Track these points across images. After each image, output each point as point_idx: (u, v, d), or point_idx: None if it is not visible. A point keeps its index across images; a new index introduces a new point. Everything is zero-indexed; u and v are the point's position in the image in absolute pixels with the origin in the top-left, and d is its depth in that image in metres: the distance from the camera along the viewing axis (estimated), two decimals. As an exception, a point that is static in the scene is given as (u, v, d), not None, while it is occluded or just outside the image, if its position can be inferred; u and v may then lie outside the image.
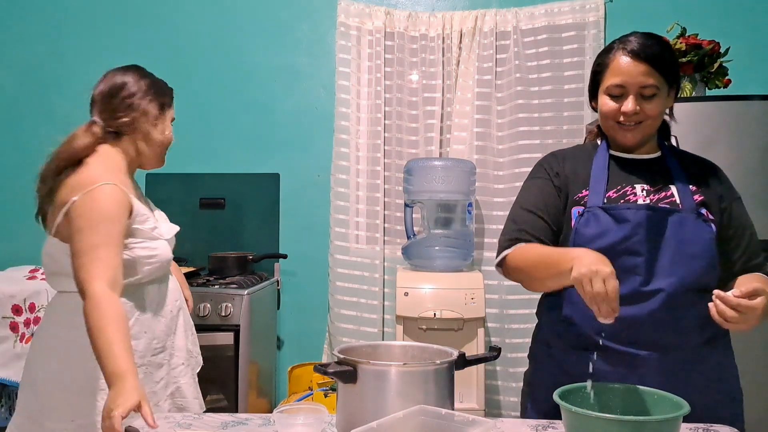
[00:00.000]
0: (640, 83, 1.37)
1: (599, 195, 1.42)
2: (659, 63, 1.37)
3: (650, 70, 1.36)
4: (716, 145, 2.22)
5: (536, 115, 2.98)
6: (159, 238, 1.56)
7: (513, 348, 2.87)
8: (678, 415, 1.04)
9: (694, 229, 1.36)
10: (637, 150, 1.49)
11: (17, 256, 3.10)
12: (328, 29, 3.18)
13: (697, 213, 1.38)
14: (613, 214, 1.38)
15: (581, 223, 1.40)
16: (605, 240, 1.36)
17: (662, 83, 1.38)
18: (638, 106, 1.38)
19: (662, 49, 1.39)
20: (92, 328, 1.27)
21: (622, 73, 1.38)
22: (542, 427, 1.32)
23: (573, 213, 1.44)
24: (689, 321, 1.35)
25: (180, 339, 1.67)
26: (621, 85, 1.39)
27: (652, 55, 1.37)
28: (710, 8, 2.97)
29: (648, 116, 1.39)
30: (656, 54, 1.37)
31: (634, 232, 1.36)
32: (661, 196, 1.41)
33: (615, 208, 1.38)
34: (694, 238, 1.35)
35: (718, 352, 1.41)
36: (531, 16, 3.03)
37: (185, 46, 3.23)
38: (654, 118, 1.40)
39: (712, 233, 1.38)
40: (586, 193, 1.45)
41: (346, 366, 1.20)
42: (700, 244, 1.36)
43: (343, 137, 3.07)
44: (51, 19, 3.27)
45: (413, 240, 2.82)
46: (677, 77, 1.44)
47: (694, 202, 1.40)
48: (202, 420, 1.37)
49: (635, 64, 1.37)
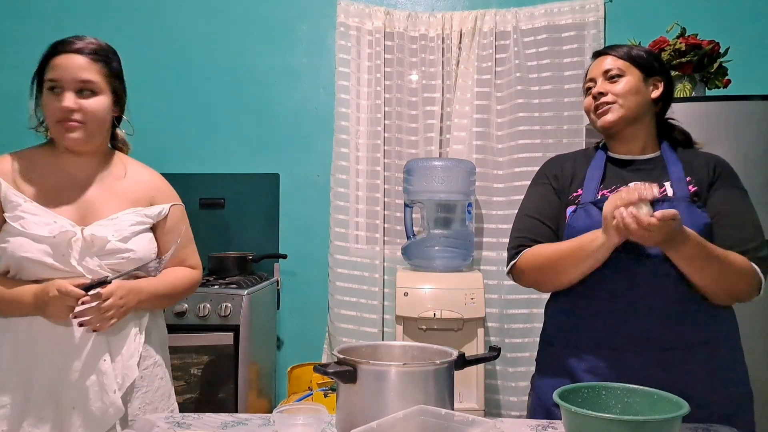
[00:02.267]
0: (602, 69, 1.51)
1: (592, 192, 1.46)
2: (620, 52, 1.51)
3: (611, 58, 1.51)
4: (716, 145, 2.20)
5: (536, 114, 2.98)
6: (20, 230, 1.39)
7: (513, 348, 2.88)
8: (678, 415, 1.04)
9: (687, 215, 1.36)
10: (634, 149, 1.51)
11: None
12: (327, 29, 3.18)
13: (690, 201, 1.39)
14: (600, 206, 1.40)
15: (573, 218, 1.45)
16: (593, 230, 1.38)
17: (627, 67, 1.49)
18: (606, 88, 1.49)
19: (629, 46, 1.53)
20: None
21: (591, 70, 1.55)
22: (542, 427, 1.32)
23: (568, 211, 1.48)
24: (686, 314, 1.35)
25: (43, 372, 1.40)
26: (590, 79, 1.54)
27: (614, 48, 1.53)
28: (710, 8, 2.97)
29: (616, 94, 1.47)
30: (620, 46, 1.53)
31: None
32: None
33: (602, 200, 1.41)
34: (686, 224, 1.35)
35: (722, 350, 1.40)
36: (531, 16, 3.03)
37: (185, 46, 3.23)
38: (623, 96, 1.47)
39: (707, 219, 1.38)
40: (581, 192, 1.48)
41: (345, 366, 1.20)
42: (693, 229, 1.35)
43: (342, 137, 3.07)
44: (51, 19, 3.27)
45: (413, 240, 2.82)
46: (650, 65, 1.51)
47: (688, 191, 1.41)
48: (202, 420, 1.37)
49: (599, 59, 1.54)
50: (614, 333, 1.38)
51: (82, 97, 1.43)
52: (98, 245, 1.42)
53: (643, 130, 1.51)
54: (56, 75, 1.41)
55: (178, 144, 3.23)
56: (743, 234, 1.39)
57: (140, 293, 1.47)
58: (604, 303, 1.40)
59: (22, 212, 1.41)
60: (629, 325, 1.37)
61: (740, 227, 1.40)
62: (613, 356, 1.38)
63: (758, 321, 2.10)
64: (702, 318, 1.37)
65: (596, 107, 1.50)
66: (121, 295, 1.40)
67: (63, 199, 1.46)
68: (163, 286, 1.55)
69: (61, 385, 1.39)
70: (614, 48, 1.53)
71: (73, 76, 1.41)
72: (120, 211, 1.50)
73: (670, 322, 1.35)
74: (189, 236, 1.64)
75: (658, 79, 1.51)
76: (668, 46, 2.51)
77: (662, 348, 1.35)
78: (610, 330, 1.39)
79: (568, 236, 1.44)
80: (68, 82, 1.41)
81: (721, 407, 1.34)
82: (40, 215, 1.42)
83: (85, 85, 1.43)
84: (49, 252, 1.39)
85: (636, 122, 1.49)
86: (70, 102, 1.41)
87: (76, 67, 1.42)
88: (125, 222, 1.49)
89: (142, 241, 1.50)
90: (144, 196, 1.56)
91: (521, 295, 2.86)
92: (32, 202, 1.43)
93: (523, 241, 1.51)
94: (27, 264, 1.40)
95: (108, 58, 1.48)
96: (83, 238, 1.42)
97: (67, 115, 1.42)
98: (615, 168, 1.51)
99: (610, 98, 1.47)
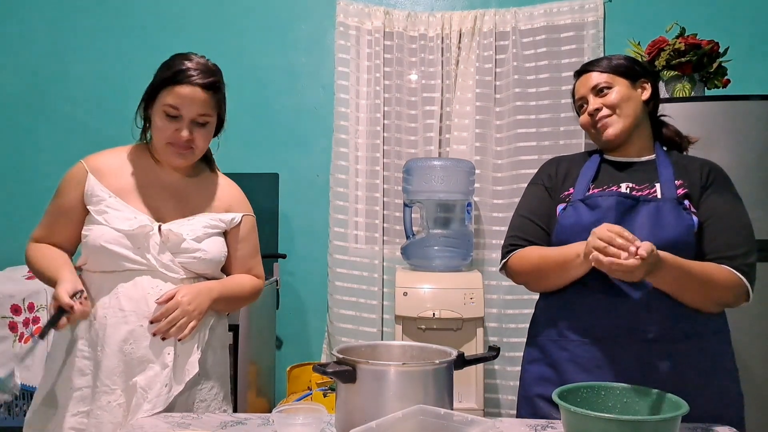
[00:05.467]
0: (590, 86, 1.54)
1: (582, 190, 1.49)
2: (602, 66, 1.54)
3: (596, 73, 1.54)
4: (715, 145, 2.22)
5: (533, 117, 2.98)
6: (101, 223, 1.48)
7: (512, 347, 2.88)
8: (677, 415, 1.04)
9: (672, 216, 1.38)
10: (629, 151, 1.54)
11: (16, 255, 3.10)
12: (327, 29, 3.18)
13: (677, 203, 1.40)
14: (587, 203, 1.45)
15: (562, 216, 1.48)
16: (580, 227, 1.41)
17: (613, 78, 1.52)
18: (599, 102, 1.51)
19: (608, 57, 1.56)
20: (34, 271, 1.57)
21: (578, 89, 1.58)
22: (541, 427, 1.32)
23: (558, 209, 1.51)
24: (667, 308, 1.36)
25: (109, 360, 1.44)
26: (581, 97, 1.57)
27: (594, 64, 1.56)
28: (709, 8, 2.97)
29: (611, 105, 1.50)
30: (599, 61, 1.56)
31: (604, 216, 1.40)
32: (645, 193, 1.45)
33: (589, 197, 1.45)
34: (671, 225, 1.37)
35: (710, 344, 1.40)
36: (530, 16, 3.03)
37: (184, 45, 3.20)
38: (618, 104, 1.49)
39: (692, 222, 1.39)
40: (572, 190, 1.51)
41: (345, 366, 1.20)
42: (677, 230, 1.37)
43: (342, 137, 3.07)
44: (51, 19, 3.27)
45: (412, 240, 2.82)
46: (632, 70, 1.54)
47: (676, 194, 1.42)
48: (201, 420, 1.37)
49: (584, 77, 1.57)
50: (599, 323, 1.40)
51: (195, 127, 1.51)
52: (173, 241, 1.50)
53: (640, 134, 1.54)
54: (177, 104, 1.47)
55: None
56: (733, 239, 1.40)
57: (212, 292, 1.53)
58: (591, 293, 1.41)
59: (106, 207, 1.50)
60: (614, 316, 1.38)
61: (730, 232, 1.40)
62: (598, 346, 1.39)
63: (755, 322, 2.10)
64: (689, 311, 1.37)
65: (594, 123, 1.53)
66: (189, 300, 1.46)
67: (146, 198, 1.55)
68: (233, 289, 1.63)
69: (128, 373, 1.44)
70: (595, 63, 1.57)
71: (193, 110, 1.49)
72: (197, 214, 1.59)
73: (655, 313, 1.35)
74: (256, 247, 1.76)
75: (644, 81, 1.54)
76: (667, 46, 2.52)
77: (647, 339, 1.36)
78: (595, 320, 1.40)
79: (557, 233, 1.48)
80: (187, 114, 1.48)
81: (709, 403, 1.33)
82: (122, 211, 1.50)
83: (201, 118, 1.51)
84: (128, 244, 1.47)
85: (636, 128, 1.52)
86: (187, 134, 1.50)
87: (197, 102, 1.48)
88: (200, 223, 1.56)
89: (214, 243, 1.57)
90: (221, 204, 1.64)
91: (520, 295, 2.85)
92: (116, 198, 1.51)
93: (515, 240, 1.56)
94: (105, 254, 1.47)
95: (220, 87, 1.56)
96: (160, 234, 1.49)
97: (179, 142, 1.50)
98: (608, 168, 1.54)
99: (606, 111, 1.51)
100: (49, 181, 3.24)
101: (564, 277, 1.43)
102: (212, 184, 1.66)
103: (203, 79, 1.49)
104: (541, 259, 1.47)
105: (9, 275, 2.84)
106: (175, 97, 1.47)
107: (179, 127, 1.49)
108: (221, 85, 1.56)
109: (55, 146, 3.21)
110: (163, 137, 1.50)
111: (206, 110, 1.51)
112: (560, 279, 1.45)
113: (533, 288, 1.57)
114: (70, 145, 3.20)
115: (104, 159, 1.58)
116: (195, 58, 1.54)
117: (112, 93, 3.19)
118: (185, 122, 1.49)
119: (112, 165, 1.56)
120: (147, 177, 1.57)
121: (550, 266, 1.45)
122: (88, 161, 1.56)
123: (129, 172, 1.56)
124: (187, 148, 1.52)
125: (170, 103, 1.47)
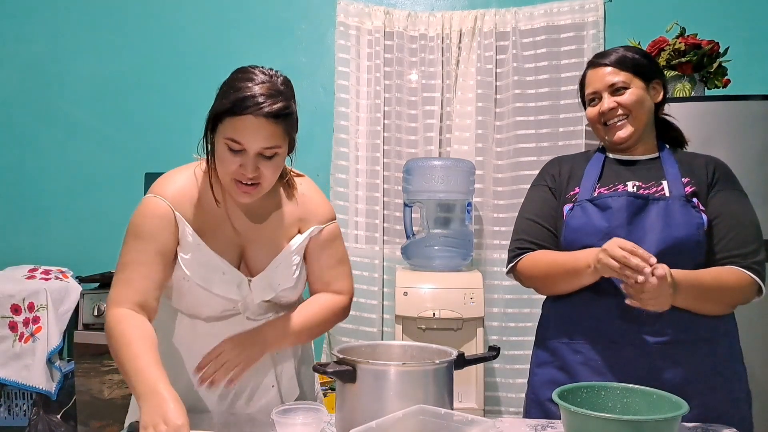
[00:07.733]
0: (607, 83, 1.49)
1: (588, 190, 1.48)
2: (621, 61, 1.49)
3: (613, 69, 1.49)
4: (715, 144, 2.22)
5: (532, 118, 2.98)
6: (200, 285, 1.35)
7: (512, 346, 2.88)
8: (677, 414, 1.04)
9: (682, 215, 1.38)
10: (634, 150, 1.52)
11: (16, 255, 3.11)
12: (327, 29, 3.18)
13: (686, 201, 1.40)
14: (597, 203, 1.44)
15: (570, 216, 1.47)
16: (590, 228, 1.41)
17: (630, 78, 1.48)
18: (614, 102, 1.48)
19: (625, 50, 1.51)
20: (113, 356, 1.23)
21: (592, 81, 1.53)
22: (541, 426, 1.33)
23: (565, 209, 1.50)
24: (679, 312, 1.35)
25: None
26: (594, 91, 1.52)
27: (613, 57, 1.51)
28: (709, 8, 2.96)
29: (627, 106, 1.47)
30: (617, 55, 1.51)
31: (615, 217, 1.40)
32: (652, 192, 1.44)
33: (599, 198, 1.44)
34: (681, 223, 1.36)
35: (720, 347, 1.40)
36: (530, 16, 3.03)
37: (184, 45, 3.23)
38: (633, 107, 1.47)
39: (702, 220, 1.39)
40: (578, 190, 1.50)
41: (345, 365, 1.20)
42: (687, 229, 1.37)
43: (342, 137, 3.07)
44: (51, 19, 3.27)
45: (412, 240, 2.82)
46: (649, 70, 1.51)
47: (684, 191, 1.41)
48: (202, 420, 1.37)
49: (599, 69, 1.52)
50: (611, 326, 1.39)
51: (261, 160, 1.30)
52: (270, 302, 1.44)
53: (647, 134, 1.53)
54: (239, 139, 1.26)
55: (178, 143, 3.22)
56: (742, 237, 1.40)
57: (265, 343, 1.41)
58: (602, 296, 1.41)
59: (194, 259, 1.35)
60: (626, 318, 1.37)
61: (739, 230, 1.41)
62: (610, 349, 1.39)
63: (758, 321, 2.10)
64: (700, 314, 1.37)
65: (605, 121, 1.51)
66: (231, 348, 1.37)
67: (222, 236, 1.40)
68: (295, 326, 1.44)
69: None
70: (611, 56, 1.51)
71: (258, 144, 1.27)
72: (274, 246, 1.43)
73: (666, 316, 1.35)
74: (338, 257, 1.51)
75: (657, 82, 1.53)
76: (668, 45, 2.52)
77: (658, 342, 1.36)
78: (606, 322, 1.40)
79: (566, 235, 1.46)
80: (252, 149, 1.27)
81: (718, 404, 1.34)
82: (210, 260, 1.36)
83: (268, 151, 1.30)
84: (225, 308, 1.39)
85: (644, 131, 1.51)
86: (251, 172, 1.29)
87: (262, 135, 1.26)
88: (284, 265, 1.43)
89: (300, 279, 1.47)
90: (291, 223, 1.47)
91: (521, 294, 2.86)
92: (202, 243, 1.36)
93: (522, 243, 1.53)
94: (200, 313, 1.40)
95: (290, 112, 1.34)
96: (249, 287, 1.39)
97: (244, 179, 1.30)
98: (613, 166, 1.53)
99: (621, 112, 1.48)
100: (49, 181, 3.28)
101: (574, 284, 1.43)
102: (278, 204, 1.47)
103: (270, 107, 1.25)
104: (551, 266, 1.46)
105: (9, 275, 2.84)
106: (237, 131, 1.25)
107: (244, 162, 1.28)
108: (291, 108, 1.34)
109: (55, 146, 3.21)
110: (228, 172, 1.30)
111: (274, 142, 1.29)
112: (570, 285, 1.44)
113: (543, 292, 1.55)
114: (70, 145, 3.21)
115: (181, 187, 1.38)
116: (259, 76, 1.31)
117: (112, 93, 3.19)
118: (250, 157, 1.28)
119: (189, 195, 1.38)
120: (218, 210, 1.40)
121: (560, 273, 1.44)
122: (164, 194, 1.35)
123: (202, 203, 1.38)
124: (254, 187, 1.32)
125: (231, 137, 1.26)
